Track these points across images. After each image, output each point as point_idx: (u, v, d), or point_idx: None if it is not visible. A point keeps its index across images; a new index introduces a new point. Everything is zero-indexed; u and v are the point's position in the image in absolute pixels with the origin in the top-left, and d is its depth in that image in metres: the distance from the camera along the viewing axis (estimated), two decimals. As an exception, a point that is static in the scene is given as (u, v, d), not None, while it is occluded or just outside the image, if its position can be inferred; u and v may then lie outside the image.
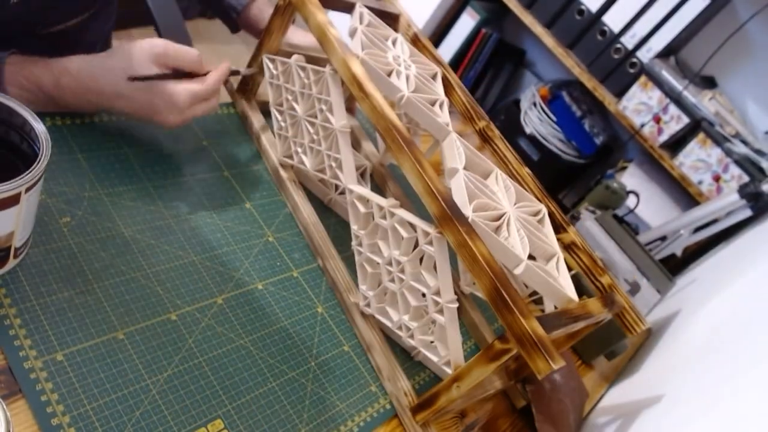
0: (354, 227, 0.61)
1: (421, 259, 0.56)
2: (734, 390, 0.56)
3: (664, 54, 1.53)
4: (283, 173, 0.71)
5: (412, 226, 0.56)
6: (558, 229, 0.64)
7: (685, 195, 1.54)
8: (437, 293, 0.55)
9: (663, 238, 1.34)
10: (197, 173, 0.66)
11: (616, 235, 0.97)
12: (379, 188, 0.81)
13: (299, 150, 0.68)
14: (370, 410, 0.58)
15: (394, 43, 0.69)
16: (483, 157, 0.62)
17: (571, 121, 1.69)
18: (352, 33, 0.65)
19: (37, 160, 0.43)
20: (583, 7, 1.55)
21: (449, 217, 0.51)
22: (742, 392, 0.55)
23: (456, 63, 1.85)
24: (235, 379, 0.52)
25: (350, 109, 0.85)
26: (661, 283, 0.94)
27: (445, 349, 0.57)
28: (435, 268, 0.55)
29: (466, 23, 1.78)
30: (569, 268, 0.59)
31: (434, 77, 0.71)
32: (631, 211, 1.36)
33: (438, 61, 0.74)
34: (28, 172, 0.42)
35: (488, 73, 1.86)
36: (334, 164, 0.64)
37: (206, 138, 0.70)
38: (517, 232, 0.55)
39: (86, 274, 0.51)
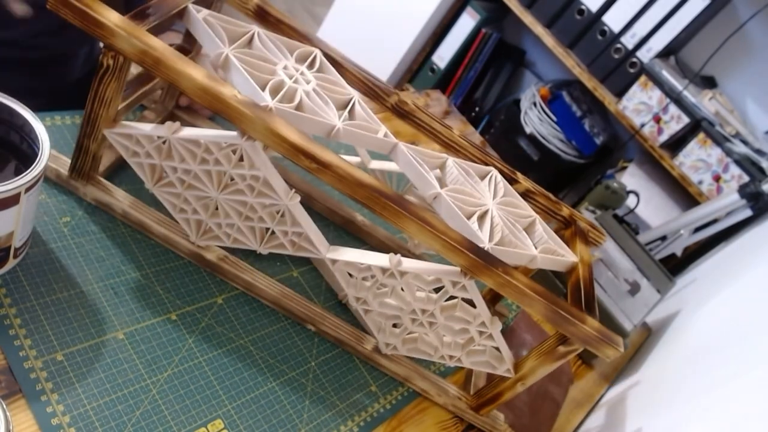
0: (350, 292, 0.56)
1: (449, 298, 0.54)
2: (735, 390, 0.56)
3: (664, 54, 1.53)
4: (209, 256, 0.57)
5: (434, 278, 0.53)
6: (511, 182, 0.62)
7: (685, 195, 1.54)
8: (481, 324, 0.54)
9: (663, 238, 1.34)
10: (197, 173, 0.66)
11: (616, 235, 0.97)
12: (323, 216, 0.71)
13: (228, 231, 0.55)
14: (370, 410, 0.58)
15: (259, 40, 0.54)
16: (430, 152, 0.57)
17: (571, 121, 1.69)
18: (222, 64, 0.50)
19: (37, 160, 0.43)
20: (583, 7, 1.55)
21: (482, 265, 0.49)
22: (743, 393, 0.55)
23: (456, 63, 1.85)
24: (235, 379, 0.52)
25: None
26: (661, 283, 0.94)
27: (501, 363, 0.58)
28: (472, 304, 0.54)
29: (466, 23, 1.78)
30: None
31: (314, 62, 0.57)
32: (631, 211, 1.36)
33: (306, 38, 0.59)
34: (27, 172, 0.42)
35: (488, 73, 1.86)
36: (296, 239, 0.54)
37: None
38: (504, 222, 0.55)
39: (86, 274, 0.51)
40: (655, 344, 0.91)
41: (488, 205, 0.55)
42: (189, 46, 0.60)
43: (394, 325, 0.59)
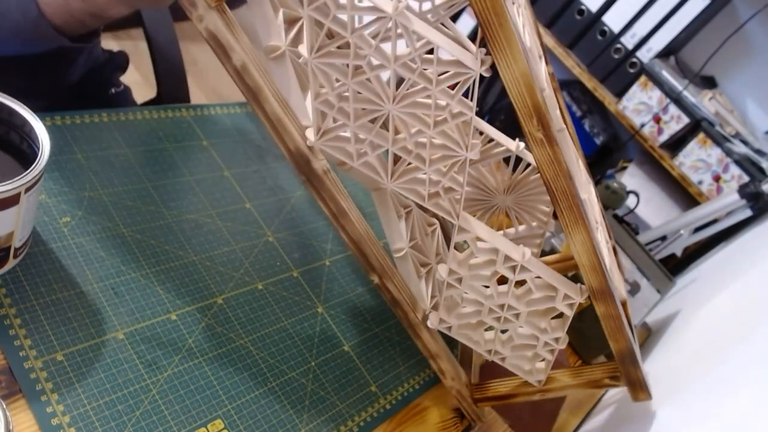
0: (450, 264, 0.50)
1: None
2: (735, 391, 0.56)
3: (664, 54, 1.53)
4: (316, 165, 0.47)
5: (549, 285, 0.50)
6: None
7: (685, 195, 1.54)
8: (555, 339, 0.53)
9: (663, 238, 1.34)
10: (197, 173, 0.66)
11: (616, 235, 0.97)
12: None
13: (365, 149, 0.45)
14: (370, 410, 0.58)
15: None
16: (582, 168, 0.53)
17: (571, 121, 1.69)
18: None
19: (37, 160, 0.43)
20: (583, 7, 1.55)
21: (609, 293, 0.48)
22: (743, 393, 0.54)
23: (456, 63, 1.84)
24: (235, 379, 0.52)
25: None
26: (661, 283, 0.94)
27: (539, 373, 0.57)
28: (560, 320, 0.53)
29: (466, 23, 1.78)
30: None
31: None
32: (631, 211, 1.36)
33: None
34: (27, 172, 0.42)
35: (488, 73, 1.86)
36: (441, 192, 0.46)
37: (206, 138, 0.70)
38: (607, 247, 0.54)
39: (86, 274, 0.51)
40: (655, 344, 0.91)
41: (599, 222, 0.54)
42: None
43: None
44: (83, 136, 0.60)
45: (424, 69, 0.39)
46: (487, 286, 0.52)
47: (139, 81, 1.25)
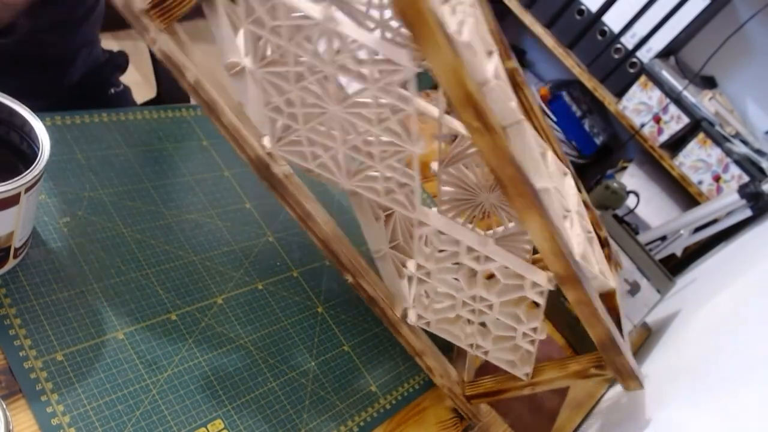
0: (417, 258, 0.51)
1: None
2: (735, 391, 0.56)
3: (664, 54, 1.53)
4: (276, 170, 0.49)
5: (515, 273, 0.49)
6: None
7: (685, 195, 1.54)
8: (533, 329, 0.53)
9: (663, 238, 1.34)
10: (197, 173, 0.66)
11: (616, 235, 0.97)
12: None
13: (319, 152, 0.47)
14: (370, 410, 0.58)
15: None
16: (537, 138, 0.52)
17: (571, 121, 1.69)
18: None
19: (37, 160, 0.43)
20: (583, 7, 1.55)
21: (575, 278, 0.47)
22: (743, 393, 0.55)
23: (456, 63, 1.84)
24: (235, 379, 0.52)
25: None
26: (661, 283, 0.94)
27: (524, 366, 0.56)
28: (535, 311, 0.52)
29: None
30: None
31: None
32: (631, 211, 1.36)
33: None
34: (27, 172, 0.42)
35: (488, 73, 1.86)
36: (396, 188, 0.47)
37: (206, 138, 0.70)
38: (583, 233, 0.53)
39: (86, 274, 0.51)
40: (655, 344, 0.91)
41: (572, 211, 0.53)
42: None
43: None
44: (83, 136, 0.60)
45: (362, 70, 0.40)
46: (457, 279, 0.52)
47: (139, 81, 1.25)
